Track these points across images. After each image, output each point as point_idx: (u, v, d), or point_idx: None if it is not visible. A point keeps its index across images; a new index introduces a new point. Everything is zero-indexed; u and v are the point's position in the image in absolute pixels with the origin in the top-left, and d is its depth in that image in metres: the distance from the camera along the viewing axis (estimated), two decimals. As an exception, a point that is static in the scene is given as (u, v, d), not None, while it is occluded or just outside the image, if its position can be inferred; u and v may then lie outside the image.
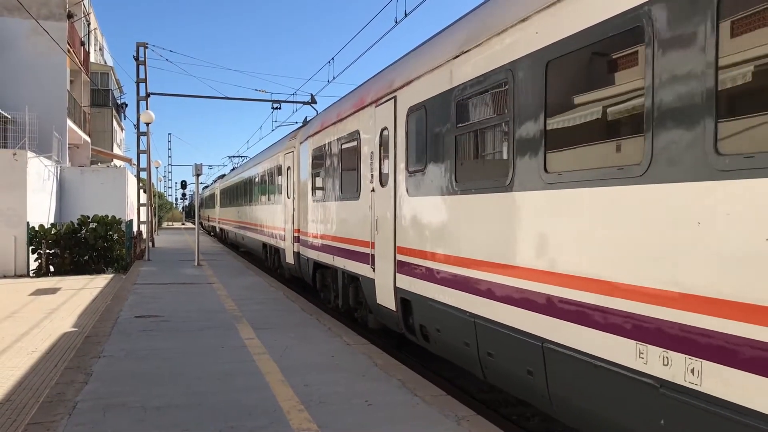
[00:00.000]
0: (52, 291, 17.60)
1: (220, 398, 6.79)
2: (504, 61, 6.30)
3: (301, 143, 16.51)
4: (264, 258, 23.73)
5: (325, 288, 14.36)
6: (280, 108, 32.39)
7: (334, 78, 25.96)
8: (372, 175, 10.41)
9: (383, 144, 9.92)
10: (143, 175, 31.58)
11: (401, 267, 9.05)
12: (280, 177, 19.69)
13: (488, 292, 6.56)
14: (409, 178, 8.78)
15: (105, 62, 52.07)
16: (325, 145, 13.61)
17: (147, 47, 30.31)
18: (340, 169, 12.44)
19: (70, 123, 31.75)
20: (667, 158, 4.21)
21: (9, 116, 26.53)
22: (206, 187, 65.41)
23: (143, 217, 30.98)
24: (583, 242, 5.10)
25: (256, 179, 25.39)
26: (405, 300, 9.01)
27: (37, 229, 22.52)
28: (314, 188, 14.76)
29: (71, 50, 32.15)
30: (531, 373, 5.84)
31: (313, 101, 31.58)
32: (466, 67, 7.13)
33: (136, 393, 6.97)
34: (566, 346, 5.23)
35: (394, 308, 9.40)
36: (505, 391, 6.74)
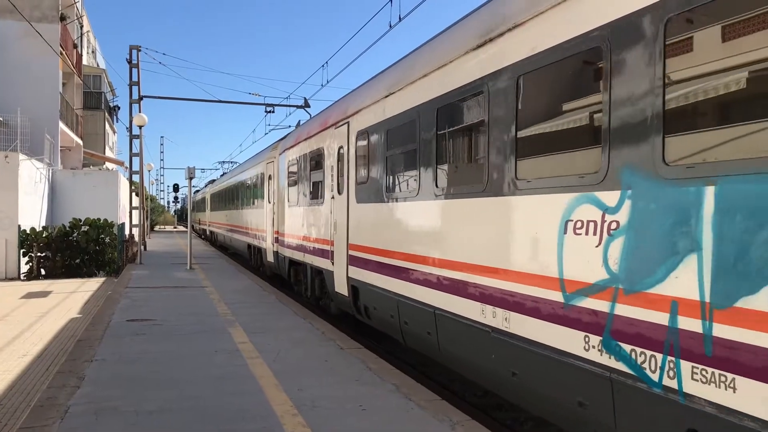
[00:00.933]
0: (44, 294, 17.49)
1: (213, 402, 6.76)
2: (414, 104, 8.51)
3: (280, 154, 18.52)
4: (249, 258, 25.63)
5: (298, 282, 16.53)
6: (273, 111, 32.42)
7: (327, 82, 25.89)
8: (332, 185, 12.50)
9: (340, 159, 12.03)
10: (135, 178, 31.47)
11: (352, 260, 11.14)
12: (262, 184, 21.69)
13: (404, 276, 8.83)
14: (357, 188, 10.91)
15: (98, 65, 51.91)
16: (298, 157, 15.79)
17: (140, 50, 30.26)
18: (309, 178, 14.58)
19: (62, 125, 31.61)
20: (491, 182, 6.50)
21: (1, 119, 26.40)
22: (197, 191, 65.36)
23: (135, 221, 30.87)
24: (454, 238, 7.35)
25: (243, 185, 27.49)
26: (354, 287, 11.08)
27: (28, 232, 22.39)
28: (289, 195, 16.90)
29: (64, 53, 32.02)
30: (429, 333, 8.11)
31: (306, 105, 31.58)
32: (393, 106, 9.33)
33: (128, 397, 6.93)
34: (447, 311, 7.50)
35: (347, 294, 11.46)
36: (454, 370, 8.12)
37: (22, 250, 22.30)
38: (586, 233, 5.09)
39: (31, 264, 22.43)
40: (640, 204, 4.55)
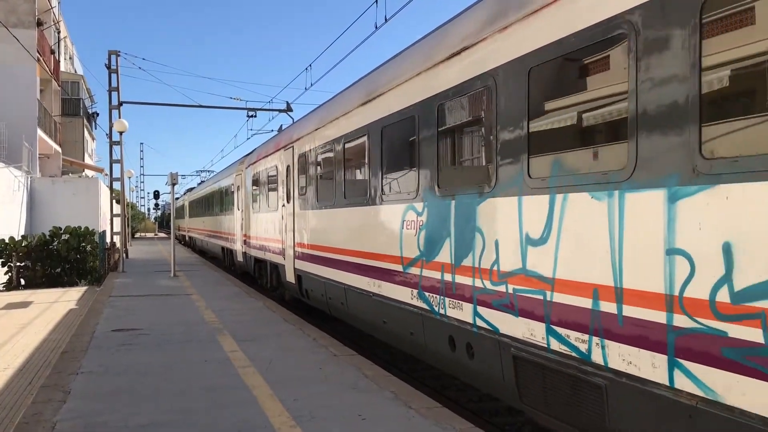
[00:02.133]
0: (24, 305, 17.07)
1: (206, 416, 6.51)
2: (331, 137, 11.55)
3: (246, 168, 21.40)
4: (223, 259, 28.85)
5: (261, 276, 19.51)
6: (255, 116, 32.08)
7: (311, 85, 25.66)
8: (283, 195, 15.48)
9: (288, 175, 14.96)
10: (116, 185, 31.04)
11: (297, 256, 14.10)
12: (233, 193, 24.42)
13: (328, 264, 11.75)
14: (299, 198, 13.94)
15: (76, 71, 51.29)
16: (259, 171, 18.93)
17: (119, 55, 29.81)
18: (267, 189, 17.67)
19: (40, 132, 31.11)
20: (371, 196, 9.54)
21: (-23, 126, 25.91)
22: (177, 198, 65.02)
23: (116, 228, 30.44)
24: (354, 234, 10.33)
25: (217, 194, 30.34)
26: (299, 276, 13.99)
27: (7, 241, 21.92)
28: (253, 203, 19.94)
29: (41, 58, 31.54)
30: (343, 303, 11.02)
31: (289, 109, 31.30)
32: (321, 137, 12.29)
33: (117, 411, 6.66)
34: (353, 286, 10.30)
35: (294, 282, 14.42)
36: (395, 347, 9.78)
37: (0, 261, 21.83)
38: (411, 228, 8.17)
39: (10, 274, 21.98)
40: (430, 211, 7.66)
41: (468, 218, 6.73)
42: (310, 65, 22.05)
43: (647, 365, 4.39)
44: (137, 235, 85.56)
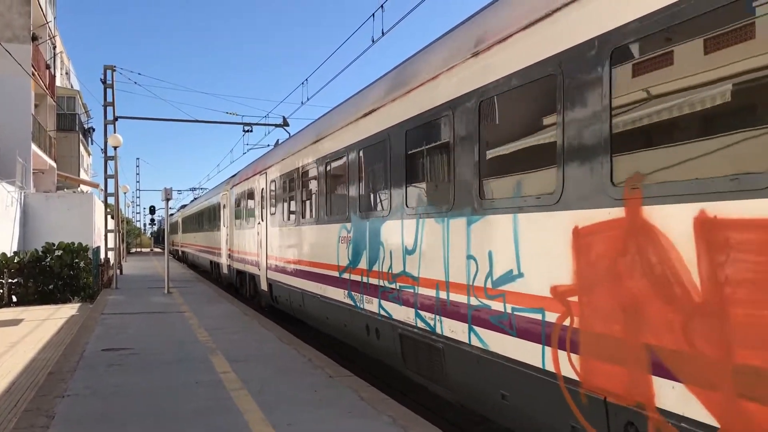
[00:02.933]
0: (14, 323, 16.74)
1: (195, 442, 6.23)
2: (292, 167, 13.86)
3: (231, 188, 23.65)
4: (211, 272, 31.26)
5: (242, 286, 21.77)
6: (251, 131, 31.83)
7: (308, 99, 25.49)
8: (259, 214, 17.84)
9: (262, 196, 17.31)
10: (111, 200, 30.76)
11: (269, 267, 16.43)
12: (220, 211, 26.66)
13: (290, 273, 14.04)
14: (270, 217, 16.26)
15: (71, 86, 51.17)
16: (241, 192, 21.31)
17: (115, 70, 29.62)
18: (246, 208, 20.14)
19: (34, 148, 30.87)
20: (317, 215, 12.01)
21: (-30, 141, 25.67)
22: (172, 214, 65.04)
23: (111, 244, 30.12)
24: (307, 248, 12.66)
25: (206, 212, 32.75)
26: (270, 285, 16.35)
27: (-1, 257, 21.60)
28: (236, 220, 22.33)
29: (36, 73, 31.37)
30: (301, 306, 13.33)
31: (285, 124, 31.06)
32: (285, 166, 14.75)
33: (103, 438, 6.38)
34: (308, 291, 12.53)
35: (267, 290, 16.88)
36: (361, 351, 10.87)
37: (-8, 277, 21.49)
38: (344, 242, 10.31)
39: (1, 291, 21.62)
40: (355, 229, 9.80)
41: (375, 234, 9.02)
42: (307, 80, 21.85)
43: (460, 332, 6.64)
44: (133, 250, 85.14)
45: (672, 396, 4.04)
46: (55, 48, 39.82)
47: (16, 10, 29.94)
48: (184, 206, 58.21)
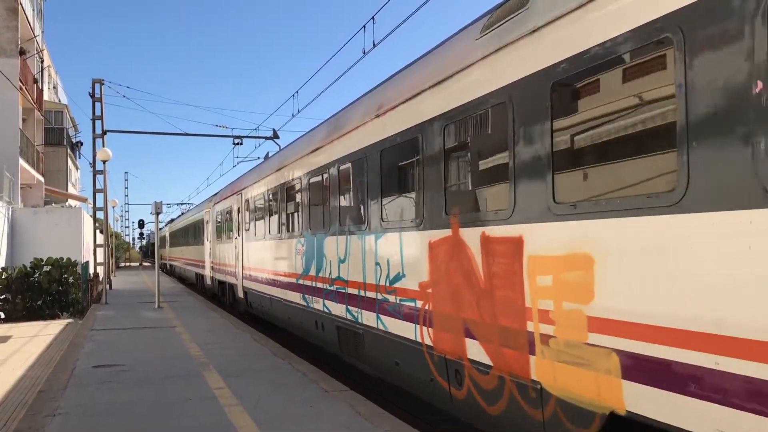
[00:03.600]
0: (2, 339, 16.52)
1: (190, 460, 6.11)
2: (263, 190, 15.77)
3: (213, 206, 25.69)
4: (196, 283, 32.98)
5: (223, 295, 23.72)
6: (241, 143, 31.75)
7: (298, 112, 25.40)
8: (237, 229, 19.92)
9: (239, 213, 19.48)
10: (99, 214, 30.54)
11: (245, 277, 18.54)
12: (204, 226, 28.81)
13: (261, 281, 16.09)
14: (246, 232, 18.35)
15: (59, 100, 50.92)
16: (221, 209, 23.38)
17: (103, 84, 29.52)
18: (226, 225, 22.32)
19: (22, 162, 30.64)
20: (280, 231, 14.27)
21: (-43, 156, 25.42)
22: (161, 228, 65.05)
23: (100, 258, 29.87)
24: (271, 259, 14.98)
25: (191, 227, 34.99)
26: (246, 292, 18.52)
27: (-14, 273, 21.37)
28: (217, 235, 24.53)
29: (24, 88, 31.17)
30: (269, 310, 15.59)
31: (275, 136, 31.00)
32: (256, 189, 16.88)
33: (95, 457, 6.24)
34: (274, 296, 14.64)
35: (243, 297, 19.10)
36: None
37: (-21, 293, 21.25)
38: (299, 254, 12.33)
39: (-11, 307, 21.38)
40: (307, 243, 11.84)
41: (320, 248, 11.10)
42: (297, 92, 21.76)
43: (372, 320, 8.73)
44: (122, 264, 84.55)
45: (474, 350, 6.19)
46: (42, 62, 39.62)
47: (4, 24, 29.78)
48: (172, 221, 59.63)
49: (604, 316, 4.56)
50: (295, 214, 12.98)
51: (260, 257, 16.35)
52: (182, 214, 52.33)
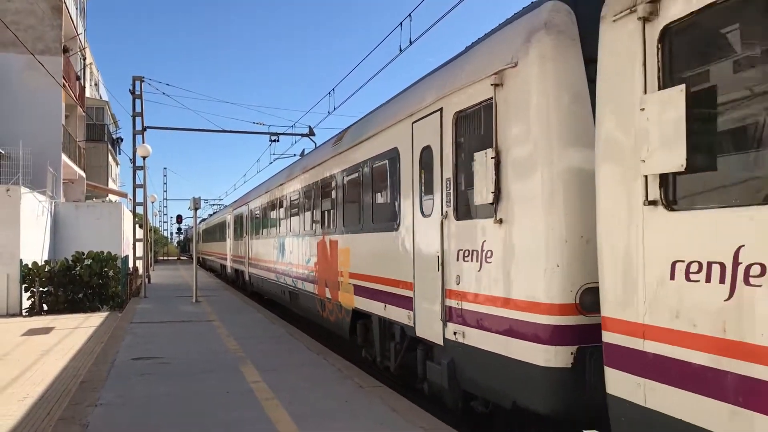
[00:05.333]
0: (45, 331, 16.95)
1: (228, 452, 6.20)
2: (261, 203, 22.83)
3: (232, 211, 33.07)
4: (220, 272, 40.83)
5: (237, 279, 31.31)
6: (278, 140, 32.00)
7: (334, 109, 25.65)
8: (245, 230, 26.78)
9: (246, 219, 26.73)
10: (139, 209, 31.07)
11: (249, 265, 25.24)
12: (225, 227, 36.35)
13: (259, 267, 22.98)
14: (249, 233, 25.77)
15: (100, 97, 51.86)
16: (236, 214, 30.68)
17: (143, 81, 30.01)
18: (238, 226, 29.53)
19: (64, 158, 31.29)
20: (268, 232, 21.70)
21: (3, 151, 26.04)
22: (199, 223, 66.19)
23: (139, 253, 30.39)
24: (264, 250, 22.04)
25: (217, 226, 42.93)
26: (250, 276, 25.33)
27: (30, 266, 21.90)
28: (234, 234, 31.78)
29: (67, 85, 31.82)
30: (261, 286, 23.13)
31: (311, 133, 31.19)
32: (256, 202, 24.09)
33: (136, 447, 6.38)
34: (263, 277, 22.05)
35: (249, 280, 25.75)
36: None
37: (23, 286, 21.79)
38: (276, 248, 19.45)
39: (33, 299, 21.92)
40: (277, 241, 19.35)
41: (281, 245, 18.23)
42: (333, 89, 22.00)
43: (300, 285, 15.89)
44: (160, 258, 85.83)
45: (326, 293, 13.14)
46: (84, 59, 40.40)
47: (48, 23, 30.41)
48: (203, 220, 64.36)
49: (352, 272, 11.39)
50: (270, 222, 20.89)
51: (256, 251, 23.80)
52: (211, 215, 59.53)
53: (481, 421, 7.88)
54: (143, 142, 29.17)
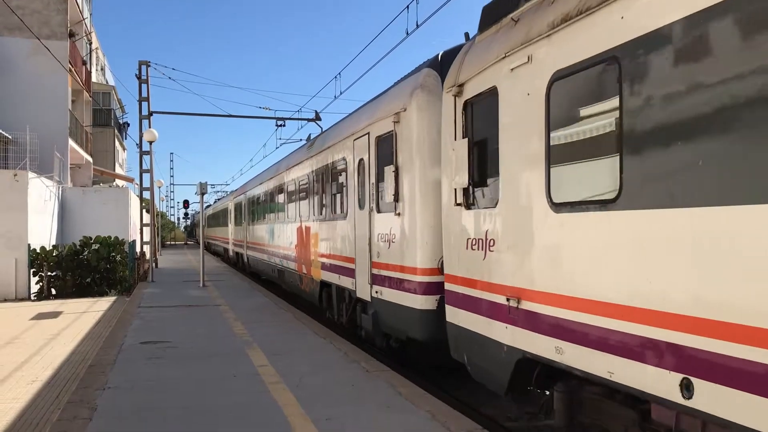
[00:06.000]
0: (54, 315, 17.06)
1: (236, 435, 6.25)
2: (255, 193, 27.24)
3: (233, 199, 36.70)
4: (224, 255, 43.98)
5: (238, 262, 34.34)
6: (284, 125, 31.88)
7: (341, 93, 25.61)
8: (242, 217, 31.24)
9: (244, 206, 30.78)
10: (146, 194, 31.15)
11: (248, 248, 28.86)
12: (227, 213, 39.41)
13: (254, 249, 27.02)
14: (246, 218, 29.76)
15: (107, 82, 51.84)
16: (236, 202, 34.41)
17: (149, 65, 29.96)
18: (238, 214, 33.27)
19: (71, 143, 31.36)
20: (265, 219, 24.39)
21: (10, 136, 26.11)
22: (205, 208, 66.71)
23: (146, 237, 30.52)
24: (257, 236, 25.97)
25: (220, 214, 46.60)
26: (249, 258, 28.75)
27: (38, 251, 22.01)
28: (235, 220, 35.00)
29: (73, 69, 31.82)
30: (256, 264, 26.72)
31: (317, 118, 31.09)
32: (250, 193, 28.59)
33: (145, 431, 6.43)
34: (257, 257, 25.98)
35: (246, 261, 29.80)
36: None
37: (32, 270, 21.92)
38: (267, 233, 23.03)
39: (41, 284, 22.05)
40: (266, 227, 23.50)
41: (270, 231, 21.96)
42: (340, 74, 21.91)
43: (286, 264, 19.05)
44: (168, 243, 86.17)
45: (302, 269, 16.64)
46: (90, 44, 40.37)
47: (54, 8, 30.36)
48: (208, 206, 65.26)
49: (319, 252, 14.66)
50: (263, 210, 24.16)
51: (252, 236, 27.42)
52: (215, 201, 62.32)
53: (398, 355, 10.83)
54: (150, 127, 29.18)
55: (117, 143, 48.49)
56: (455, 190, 7.51)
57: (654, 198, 4.46)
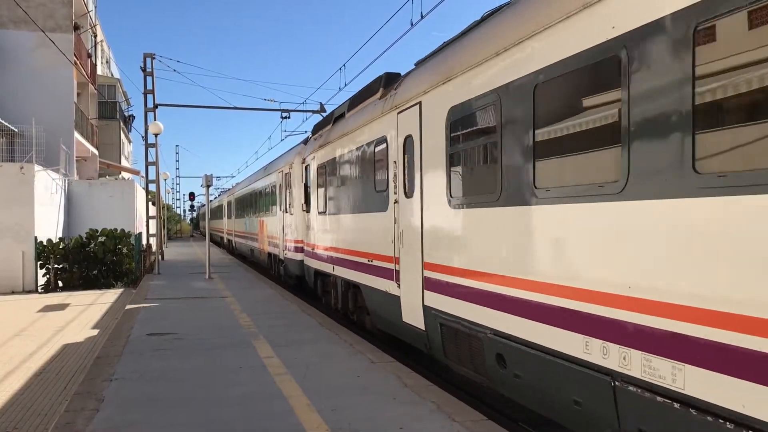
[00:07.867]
0: (61, 307, 17.14)
1: (242, 426, 6.27)
2: (248, 191, 32.43)
3: (228, 197, 45.40)
4: (221, 242, 51.70)
5: (234, 250, 40.19)
6: (289, 117, 31.97)
7: (345, 85, 25.59)
8: (231, 212, 41.91)
9: (231, 204, 42.22)
10: (152, 187, 31.21)
11: (235, 235, 39.23)
12: (225, 209, 47.01)
13: (243, 238, 34.18)
14: (234, 212, 39.67)
15: (112, 74, 51.88)
16: (229, 200, 43.80)
17: (154, 58, 29.99)
18: (231, 208, 42.22)
19: (77, 135, 31.41)
20: (262, 211, 27.93)
21: (16, 129, 26.16)
22: (211, 200, 67.23)
23: (152, 230, 30.60)
24: (249, 227, 31.73)
25: (218, 209, 54.10)
26: (235, 243, 39.31)
27: (45, 243, 22.11)
28: (228, 215, 44.41)
29: (78, 62, 31.84)
30: (242, 251, 35.40)
31: (322, 110, 31.10)
32: (242, 192, 35.01)
33: (151, 422, 6.46)
34: (246, 244, 33.05)
35: (234, 246, 39.85)
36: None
37: (39, 263, 22.02)
38: (258, 225, 27.66)
39: (48, 276, 22.16)
40: (266, 220, 25.45)
41: (253, 223, 29.40)
42: (344, 65, 21.88)
43: (280, 251, 21.66)
44: (174, 235, 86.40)
45: (273, 251, 23.44)
46: (96, 37, 40.38)
47: (59, 0, 30.37)
48: (213, 199, 68.30)
49: (267, 235, 24.54)
50: (241, 208, 30.84)
51: (240, 227, 34.57)
52: (219, 194, 65.75)
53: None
54: (155, 120, 29.23)
55: (123, 136, 48.56)
56: (302, 204, 17.24)
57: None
